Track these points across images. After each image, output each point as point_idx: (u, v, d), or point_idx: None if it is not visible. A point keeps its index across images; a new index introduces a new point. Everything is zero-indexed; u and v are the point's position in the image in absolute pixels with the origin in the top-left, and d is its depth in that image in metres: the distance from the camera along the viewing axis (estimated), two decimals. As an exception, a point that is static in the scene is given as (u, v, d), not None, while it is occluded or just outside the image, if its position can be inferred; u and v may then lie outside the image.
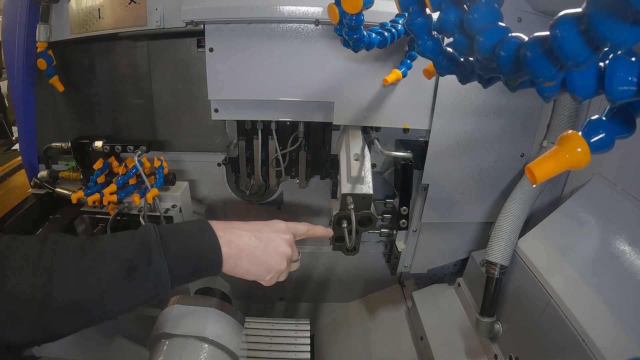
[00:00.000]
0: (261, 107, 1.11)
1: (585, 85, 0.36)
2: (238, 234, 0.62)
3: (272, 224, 0.68)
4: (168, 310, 0.85)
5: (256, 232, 0.64)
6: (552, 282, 0.85)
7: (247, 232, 0.63)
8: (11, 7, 1.08)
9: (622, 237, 0.82)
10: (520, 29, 0.41)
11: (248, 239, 0.62)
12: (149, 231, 0.56)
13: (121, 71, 1.22)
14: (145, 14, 1.05)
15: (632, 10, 0.25)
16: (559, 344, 0.81)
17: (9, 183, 2.19)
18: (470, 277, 1.25)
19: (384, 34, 0.81)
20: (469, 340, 1.13)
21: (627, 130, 0.38)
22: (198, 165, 1.34)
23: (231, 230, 0.61)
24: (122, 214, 1.12)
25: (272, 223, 0.69)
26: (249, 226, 0.65)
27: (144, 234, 0.55)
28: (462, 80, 0.62)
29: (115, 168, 1.17)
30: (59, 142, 1.25)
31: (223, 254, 0.59)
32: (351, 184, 0.98)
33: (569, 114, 1.00)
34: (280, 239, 0.66)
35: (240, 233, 0.62)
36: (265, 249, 0.63)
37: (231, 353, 0.81)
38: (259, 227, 0.66)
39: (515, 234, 1.00)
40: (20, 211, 1.15)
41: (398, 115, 1.09)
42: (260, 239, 0.64)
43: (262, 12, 0.96)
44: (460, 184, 1.16)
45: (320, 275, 1.60)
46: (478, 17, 0.43)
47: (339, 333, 1.59)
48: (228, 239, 0.60)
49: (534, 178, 0.38)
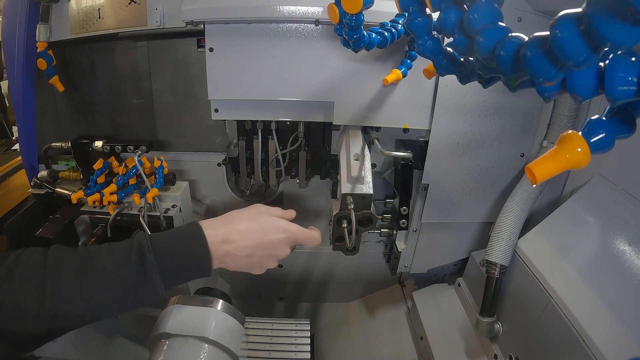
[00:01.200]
0: (261, 107, 1.11)
1: (585, 85, 0.36)
2: (232, 239, 0.62)
3: (267, 226, 0.65)
4: (168, 310, 0.84)
5: (251, 240, 0.63)
6: (552, 282, 0.85)
7: (243, 241, 0.62)
8: (11, 7, 1.08)
9: (622, 237, 0.82)
10: (520, 29, 0.41)
11: (244, 245, 0.62)
12: (143, 248, 0.57)
13: (121, 71, 1.22)
14: (145, 14, 1.05)
15: (632, 10, 0.25)
16: (559, 344, 0.81)
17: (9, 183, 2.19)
18: (470, 277, 1.25)
19: (384, 34, 0.81)
20: (469, 340, 1.13)
21: (627, 130, 0.38)
22: (198, 165, 1.34)
23: (225, 239, 0.61)
24: (122, 214, 1.12)
25: (266, 225, 0.66)
26: (243, 231, 0.63)
27: (139, 250, 0.57)
28: (462, 80, 0.62)
29: (115, 168, 1.17)
30: (59, 142, 1.25)
31: (214, 265, 0.61)
32: (351, 184, 0.98)
33: (569, 114, 1.00)
34: (277, 243, 0.65)
35: (235, 238, 0.62)
36: (261, 255, 0.64)
37: (231, 353, 0.81)
38: (253, 232, 0.64)
39: (515, 234, 1.00)
40: (20, 211, 1.15)
41: (398, 115, 1.09)
42: (255, 247, 0.63)
43: (262, 12, 0.96)
44: (460, 184, 1.16)
45: (320, 275, 1.60)
46: (478, 17, 0.43)
47: (339, 333, 1.59)
48: (220, 250, 0.61)
49: (534, 178, 0.38)
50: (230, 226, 0.62)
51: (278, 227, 0.66)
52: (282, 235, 0.66)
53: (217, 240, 0.60)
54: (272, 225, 0.66)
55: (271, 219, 0.66)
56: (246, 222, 0.64)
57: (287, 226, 0.68)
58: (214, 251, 0.60)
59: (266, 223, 0.66)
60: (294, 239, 0.68)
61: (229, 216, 0.66)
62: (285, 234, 0.66)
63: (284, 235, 0.66)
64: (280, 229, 0.66)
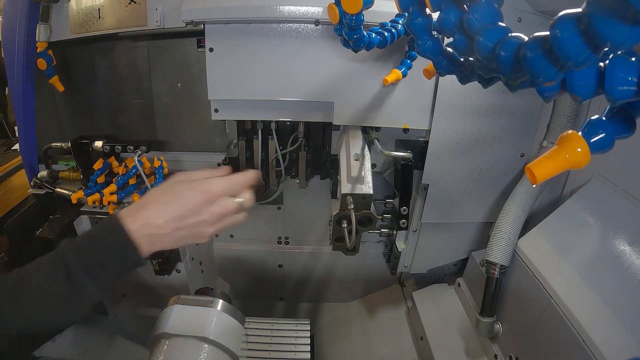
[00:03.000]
0: (261, 107, 1.11)
1: (585, 85, 0.36)
2: (151, 221, 0.58)
3: (181, 194, 0.60)
4: (168, 310, 0.85)
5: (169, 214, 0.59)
6: (552, 282, 0.85)
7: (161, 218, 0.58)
8: (11, 7, 1.08)
9: (622, 237, 0.82)
10: (520, 29, 0.41)
11: (164, 221, 0.58)
12: (66, 255, 0.55)
13: (121, 71, 1.22)
14: (145, 14, 1.05)
15: (632, 10, 0.25)
16: (559, 344, 0.81)
17: (9, 183, 2.19)
18: (470, 277, 1.25)
19: (384, 34, 0.81)
20: (469, 340, 1.13)
21: (627, 130, 0.38)
22: (198, 165, 1.33)
23: (145, 222, 0.57)
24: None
25: (180, 193, 0.60)
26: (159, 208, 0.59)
27: (62, 259, 0.55)
28: (462, 80, 0.62)
29: (115, 168, 1.18)
30: (59, 142, 1.25)
31: (143, 252, 0.58)
32: (351, 184, 0.98)
33: (569, 114, 1.00)
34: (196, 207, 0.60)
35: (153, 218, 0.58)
36: (188, 224, 0.60)
37: (231, 353, 0.81)
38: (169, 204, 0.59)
39: (515, 234, 1.00)
40: (20, 211, 1.15)
41: (398, 115, 1.09)
42: (176, 219, 0.59)
43: (262, 12, 0.96)
44: (460, 184, 1.16)
45: (320, 275, 1.60)
46: (478, 17, 0.43)
47: (339, 333, 1.59)
48: (144, 235, 0.57)
49: (534, 178, 0.38)
50: (146, 208, 0.59)
51: (193, 190, 0.60)
52: (199, 197, 0.59)
53: (137, 226, 0.57)
54: (186, 192, 0.60)
55: (185, 185, 0.61)
56: (161, 198, 0.60)
57: (206, 186, 0.61)
58: (138, 238, 0.57)
59: (179, 191, 0.60)
60: (216, 193, 0.61)
61: (145, 197, 0.61)
62: (203, 194, 0.60)
63: (202, 197, 0.60)
64: (197, 191, 0.60)
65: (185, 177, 0.63)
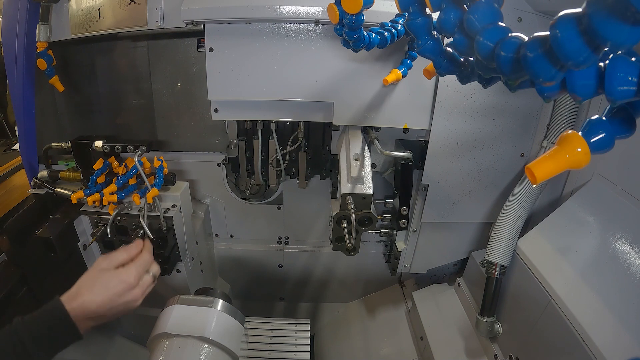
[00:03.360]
0: (261, 107, 1.11)
1: (585, 85, 0.36)
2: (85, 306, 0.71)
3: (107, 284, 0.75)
4: (168, 310, 0.85)
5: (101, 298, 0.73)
6: (552, 282, 0.85)
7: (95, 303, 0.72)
8: (11, 7, 1.08)
9: (622, 237, 0.82)
10: (520, 29, 0.41)
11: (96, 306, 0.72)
12: (20, 334, 0.65)
13: (121, 71, 1.22)
14: (145, 14, 1.05)
15: (632, 10, 0.25)
16: (559, 344, 0.81)
17: (9, 183, 2.19)
18: (470, 277, 1.25)
19: (384, 34, 0.81)
20: (469, 340, 1.13)
21: (627, 130, 0.38)
22: (198, 165, 1.34)
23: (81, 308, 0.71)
24: (122, 214, 1.12)
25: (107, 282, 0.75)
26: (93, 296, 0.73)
27: (18, 336, 0.65)
28: (462, 80, 0.62)
29: (115, 168, 1.17)
30: (59, 142, 1.25)
31: (83, 329, 0.71)
32: (351, 184, 0.98)
33: (569, 114, 1.00)
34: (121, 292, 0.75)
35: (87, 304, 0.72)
36: (119, 303, 0.75)
37: (231, 353, 0.81)
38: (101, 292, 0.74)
39: (515, 234, 1.00)
40: (20, 211, 1.15)
41: (398, 115, 1.09)
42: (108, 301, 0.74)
43: (262, 12, 0.96)
44: (460, 184, 1.16)
45: (320, 275, 1.60)
46: (478, 17, 0.43)
47: (339, 333, 1.59)
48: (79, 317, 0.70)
49: (534, 178, 0.38)
50: (81, 295, 0.72)
51: (115, 279, 0.76)
52: (121, 287, 0.76)
53: (78, 313, 0.70)
54: (110, 281, 0.76)
55: (109, 275, 0.77)
56: (93, 288, 0.74)
57: (123, 277, 0.77)
58: (80, 322, 0.70)
59: (105, 280, 0.76)
60: (134, 283, 0.78)
61: (79, 284, 0.75)
62: (124, 284, 0.76)
63: (123, 286, 0.76)
64: (118, 282, 0.76)
65: (107, 263, 0.79)
